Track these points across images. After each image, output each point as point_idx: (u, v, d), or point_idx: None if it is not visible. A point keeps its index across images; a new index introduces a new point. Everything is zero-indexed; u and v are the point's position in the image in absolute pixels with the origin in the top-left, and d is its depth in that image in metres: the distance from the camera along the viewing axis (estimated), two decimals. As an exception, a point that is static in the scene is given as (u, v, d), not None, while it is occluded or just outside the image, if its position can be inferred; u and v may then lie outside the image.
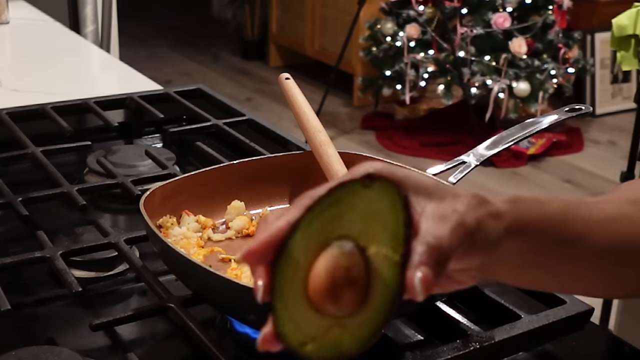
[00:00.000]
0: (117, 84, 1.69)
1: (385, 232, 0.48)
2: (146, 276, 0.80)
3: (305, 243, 0.47)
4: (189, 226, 0.85)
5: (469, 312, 0.78)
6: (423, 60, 3.77)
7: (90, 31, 2.37)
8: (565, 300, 0.76)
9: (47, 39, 1.91)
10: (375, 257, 0.48)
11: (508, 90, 3.69)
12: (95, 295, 0.85)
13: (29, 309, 0.82)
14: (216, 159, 1.09)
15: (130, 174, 1.06)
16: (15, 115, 1.21)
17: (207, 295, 0.74)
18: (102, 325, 0.74)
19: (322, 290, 0.47)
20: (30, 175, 1.12)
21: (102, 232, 0.90)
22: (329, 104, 4.18)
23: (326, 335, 0.47)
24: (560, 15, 3.80)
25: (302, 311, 0.47)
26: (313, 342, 0.47)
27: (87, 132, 1.27)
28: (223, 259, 0.82)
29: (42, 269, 0.87)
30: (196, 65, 4.91)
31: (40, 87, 1.53)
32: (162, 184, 0.85)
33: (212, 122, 1.22)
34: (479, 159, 0.87)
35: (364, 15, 3.90)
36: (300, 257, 0.47)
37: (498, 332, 0.72)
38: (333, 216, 0.48)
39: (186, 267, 0.73)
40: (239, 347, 0.75)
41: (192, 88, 1.37)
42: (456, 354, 0.69)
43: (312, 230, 0.47)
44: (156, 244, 0.77)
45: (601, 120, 4.11)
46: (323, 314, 0.47)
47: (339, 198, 0.48)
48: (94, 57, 1.90)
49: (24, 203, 0.95)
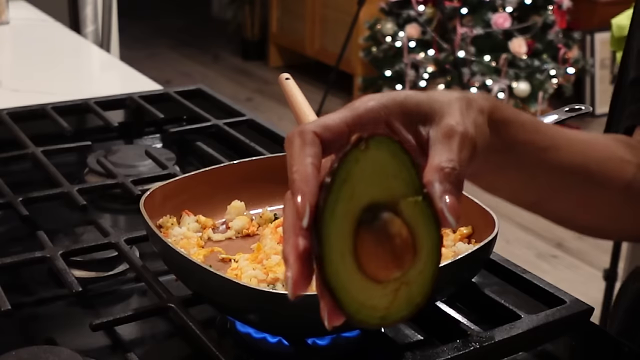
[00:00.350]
0: (117, 84, 1.69)
1: (400, 181, 0.50)
2: (146, 276, 0.80)
3: (338, 231, 0.48)
4: (189, 226, 0.85)
5: (469, 312, 0.78)
6: (423, 60, 3.78)
7: (90, 31, 2.37)
8: (565, 300, 0.76)
9: (47, 39, 1.91)
10: (405, 208, 0.50)
11: (508, 91, 3.69)
12: (95, 295, 0.85)
13: (29, 309, 0.82)
14: (216, 159, 1.09)
15: (130, 174, 1.06)
16: (15, 115, 1.21)
17: (207, 295, 0.74)
18: (102, 325, 0.74)
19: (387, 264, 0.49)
20: (31, 175, 1.12)
21: (102, 232, 0.90)
22: (329, 104, 4.18)
23: (396, 298, 0.50)
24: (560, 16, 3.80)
25: (367, 293, 0.48)
26: (389, 310, 0.49)
27: (87, 132, 1.27)
28: (223, 259, 0.82)
29: (42, 269, 0.87)
30: (196, 65, 4.91)
31: (40, 87, 1.53)
32: (162, 184, 0.85)
33: (212, 122, 1.22)
34: (479, 159, 0.87)
35: (364, 15, 3.91)
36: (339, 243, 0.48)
37: (498, 332, 0.72)
38: (350, 193, 0.48)
39: (186, 267, 0.73)
40: (239, 347, 0.75)
41: (192, 88, 1.37)
42: (456, 354, 0.69)
43: (338, 216, 0.48)
44: (156, 244, 0.77)
45: (601, 121, 4.10)
46: (387, 283, 0.49)
47: (346, 173, 0.48)
48: (94, 57, 1.90)
49: (24, 203, 0.95)
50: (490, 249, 0.76)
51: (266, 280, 0.74)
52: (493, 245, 0.76)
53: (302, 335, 0.71)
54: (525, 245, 3.03)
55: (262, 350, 0.74)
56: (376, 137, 0.49)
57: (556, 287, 0.79)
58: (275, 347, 0.73)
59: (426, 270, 0.50)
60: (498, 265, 0.83)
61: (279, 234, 0.81)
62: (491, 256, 0.81)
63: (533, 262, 2.87)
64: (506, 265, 0.83)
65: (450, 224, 0.50)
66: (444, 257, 0.77)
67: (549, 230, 3.12)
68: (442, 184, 0.50)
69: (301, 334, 0.71)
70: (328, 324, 0.48)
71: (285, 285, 0.49)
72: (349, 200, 0.48)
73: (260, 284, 0.74)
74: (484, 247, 0.74)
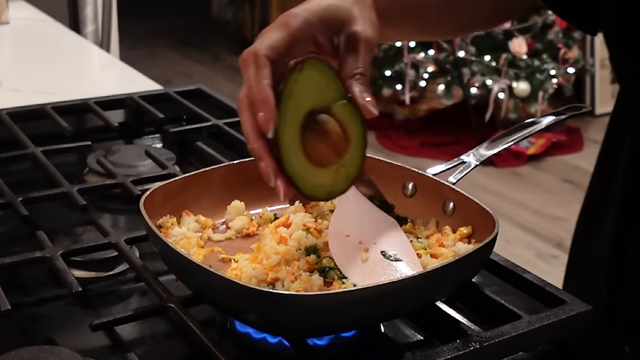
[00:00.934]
0: (117, 84, 1.69)
1: (330, 89, 0.67)
2: (146, 276, 0.80)
3: (290, 130, 0.65)
4: (189, 226, 0.85)
5: (469, 312, 0.78)
6: (423, 60, 3.78)
7: (90, 31, 2.37)
8: (565, 300, 0.76)
9: (47, 39, 1.91)
10: (336, 110, 0.67)
11: (508, 91, 3.69)
12: (95, 295, 0.85)
13: (29, 309, 0.82)
14: (216, 159, 1.09)
15: (130, 174, 1.06)
16: (15, 115, 1.21)
17: (207, 295, 0.74)
18: (102, 325, 0.74)
19: (328, 154, 0.66)
20: (30, 175, 1.12)
21: (102, 232, 0.90)
22: (329, 104, 4.18)
23: (337, 177, 0.68)
24: (560, 16, 3.80)
25: (316, 176, 0.66)
26: (333, 187, 0.68)
27: (87, 132, 1.27)
28: (223, 259, 0.82)
29: (42, 269, 0.87)
30: (196, 65, 4.91)
31: (40, 87, 1.53)
32: (162, 184, 0.85)
33: (212, 122, 1.22)
34: (479, 159, 0.87)
35: (364, 15, 3.90)
36: (293, 142, 0.65)
37: (498, 332, 0.72)
38: (296, 103, 0.65)
39: (186, 267, 0.73)
40: (239, 347, 0.75)
41: (192, 88, 1.37)
42: (456, 354, 0.69)
43: (289, 120, 0.65)
44: (156, 244, 0.77)
45: (601, 120, 4.11)
46: (329, 167, 0.67)
47: (291, 91, 0.65)
48: (94, 57, 1.91)
49: (24, 203, 0.95)
50: (490, 249, 0.76)
51: (266, 280, 0.74)
52: (493, 245, 0.75)
53: (302, 336, 0.72)
54: (525, 245, 3.03)
55: (262, 350, 0.74)
56: (308, 60, 0.66)
57: (556, 287, 0.79)
58: (275, 347, 0.73)
59: (357, 154, 0.68)
60: (498, 265, 0.83)
61: (279, 234, 0.81)
62: (491, 256, 0.81)
63: (533, 262, 2.88)
64: (506, 265, 0.83)
65: (373, 113, 0.67)
66: (444, 257, 0.78)
67: (549, 230, 3.13)
68: (358, 87, 0.67)
69: (301, 334, 0.71)
70: (283, 198, 0.67)
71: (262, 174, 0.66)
72: (294, 110, 0.65)
73: (260, 284, 0.74)
74: (484, 247, 0.74)
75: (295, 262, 0.76)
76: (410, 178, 0.88)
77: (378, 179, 0.90)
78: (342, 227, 0.79)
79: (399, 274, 0.75)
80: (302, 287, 0.73)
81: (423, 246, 0.80)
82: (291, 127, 0.65)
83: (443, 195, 0.85)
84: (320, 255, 0.78)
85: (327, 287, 0.74)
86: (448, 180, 0.85)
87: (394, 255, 0.76)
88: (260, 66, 0.66)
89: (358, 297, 0.67)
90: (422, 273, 0.72)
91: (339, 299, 0.67)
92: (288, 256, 0.77)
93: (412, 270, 0.75)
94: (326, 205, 0.88)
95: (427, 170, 0.87)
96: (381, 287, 0.68)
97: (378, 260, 0.76)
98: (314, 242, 0.79)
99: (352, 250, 0.77)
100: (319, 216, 0.86)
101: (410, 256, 0.77)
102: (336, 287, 0.74)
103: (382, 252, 0.77)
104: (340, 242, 0.78)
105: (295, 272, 0.75)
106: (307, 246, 0.79)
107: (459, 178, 0.85)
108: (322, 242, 0.79)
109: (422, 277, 0.71)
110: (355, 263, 0.76)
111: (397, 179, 0.89)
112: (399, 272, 0.75)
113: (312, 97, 0.66)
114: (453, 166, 0.86)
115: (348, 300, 0.67)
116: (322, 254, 0.78)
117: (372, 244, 0.78)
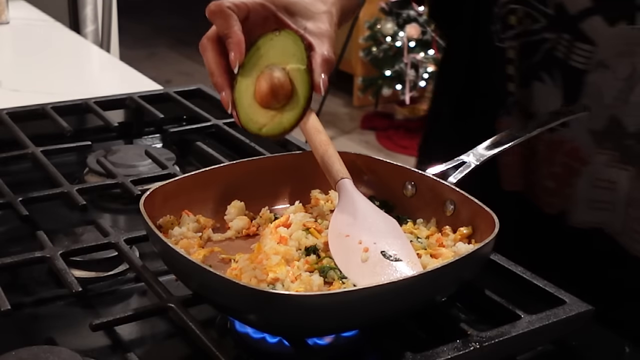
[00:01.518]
0: (117, 84, 1.69)
1: (295, 57, 0.79)
2: (146, 276, 0.80)
3: (249, 72, 0.79)
4: (189, 226, 0.85)
5: (469, 312, 0.79)
6: (423, 60, 3.78)
7: (90, 31, 2.37)
8: (565, 300, 0.76)
9: (47, 39, 1.91)
10: (292, 70, 0.79)
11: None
12: (95, 295, 0.85)
13: (29, 309, 0.82)
14: (216, 159, 1.09)
15: (130, 174, 1.06)
16: (15, 115, 1.21)
17: (207, 295, 0.74)
18: (102, 325, 0.74)
19: (267, 93, 0.78)
20: (30, 175, 1.12)
21: (102, 232, 0.90)
22: (329, 104, 4.18)
23: (272, 120, 0.79)
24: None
25: (255, 111, 0.79)
26: (266, 127, 0.80)
27: (87, 132, 1.27)
28: (223, 259, 0.82)
29: (42, 269, 0.87)
30: (196, 65, 4.91)
31: (40, 87, 1.53)
32: (162, 184, 0.85)
33: (212, 122, 1.22)
34: (479, 159, 0.87)
35: (363, 15, 3.91)
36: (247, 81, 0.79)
37: (498, 332, 0.72)
38: (261, 55, 0.79)
39: (186, 267, 0.73)
40: (239, 347, 0.75)
41: (192, 88, 1.38)
42: (456, 354, 0.69)
43: (250, 65, 0.79)
44: (156, 244, 0.77)
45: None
46: (268, 110, 0.79)
47: (261, 45, 0.79)
48: (94, 57, 1.91)
49: (24, 203, 0.95)
50: (491, 249, 0.76)
51: (266, 280, 0.74)
52: (493, 245, 0.76)
53: (302, 336, 0.72)
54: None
55: (262, 350, 0.74)
56: (287, 29, 0.80)
57: (556, 287, 0.79)
58: (275, 347, 0.73)
59: (296, 110, 0.79)
60: (498, 265, 0.83)
61: (279, 234, 0.81)
62: (491, 256, 0.81)
63: (533, 262, 2.87)
64: (506, 265, 0.83)
65: (322, 90, 0.80)
66: (444, 257, 0.78)
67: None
68: (323, 67, 0.81)
69: (301, 334, 0.71)
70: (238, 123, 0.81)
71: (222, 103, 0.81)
72: (257, 59, 0.79)
73: (260, 284, 0.74)
74: (484, 247, 0.74)
75: (295, 262, 0.76)
76: (410, 178, 0.88)
77: (378, 179, 0.90)
78: (342, 227, 0.79)
79: (399, 274, 0.74)
80: (302, 287, 0.73)
81: (423, 246, 0.80)
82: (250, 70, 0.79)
83: (443, 195, 0.85)
84: (320, 255, 0.78)
85: (327, 287, 0.74)
86: (448, 180, 0.85)
87: (394, 255, 0.76)
88: (228, 16, 0.80)
89: (358, 297, 0.67)
90: (422, 273, 0.72)
91: (339, 299, 0.67)
92: (288, 256, 0.77)
93: (412, 270, 0.75)
94: (326, 205, 0.88)
95: (427, 170, 0.87)
96: (381, 287, 0.68)
97: (378, 260, 0.76)
98: (314, 242, 0.79)
99: (352, 250, 0.77)
100: (319, 216, 0.86)
101: (410, 256, 0.77)
102: (336, 287, 0.74)
103: (382, 252, 0.77)
104: (340, 242, 0.78)
105: (295, 272, 0.75)
106: (307, 246, 0.79)
107: (459, 178, 0.85)
108: (322, 242, 0.79)
109: (422, 277, 0.71)
110: (355, 263, 0.76)
111: (397, 179, 0.89)
112: (399, 272, 0.75)
113: (277, 55, 0.79)
114: (453, 166, 0.86)
115: (348, 300, 0.67)
116: (322, 254, 0.78)
117: (372, 244, 0.78)
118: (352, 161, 0.88)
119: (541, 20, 0.96)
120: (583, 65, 0.94)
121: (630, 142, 0.94)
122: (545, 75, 0.98)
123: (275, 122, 0.79)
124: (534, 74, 0.99)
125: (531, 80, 0.99)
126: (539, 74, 0.99)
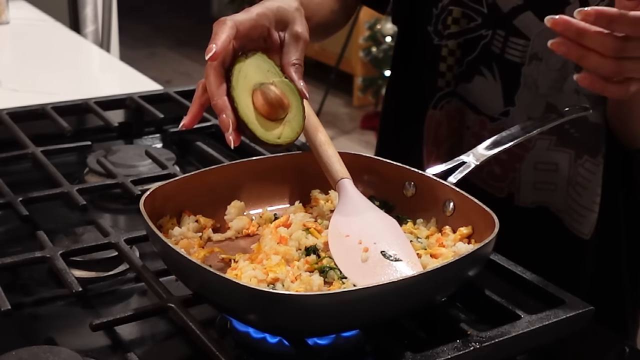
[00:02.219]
0: (117, 84, 1.69)
1: (270, 72, 0.84)
2: (146, 276, 0.80)
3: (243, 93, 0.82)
4: (189, 226, 0.85)
5: (469, 312, 0.79)
6: (423, 60, 3.77)
7: (90, 31, 2.38)
8: (565, 300, 0.76)
9: (47, 39, 1.91)
10: (277, 83, 0.84)
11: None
12: (95, 295, 0.85)
13: (29, 309, 0.83)
14: (216, 159, 1.09)
15: (130, 174, 1.06)
16: (15, 115, 1.21)
17: (207, 295, 0.74)
18: (102, 325, 0.74)
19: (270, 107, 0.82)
20: (30, 175, 1.12)
21: (102, 232, 0.90)
22: (329, 104, 4.18)
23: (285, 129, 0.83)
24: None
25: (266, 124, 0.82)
26: (282, 135, 0.82)
27: (87, 132, 1.27)
28: (223, 259, 0.82)
29: (42, 269, 0.87)
30: (196, 65, 4.91)
31: (40, 87, 1.53)
32: (162, 184, 0.85)
33: (212, 122, 1.22)
34: (479, 159, 0.87)
35: (364, 15, 3.91)
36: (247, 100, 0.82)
37: (498, 332, 0.72)
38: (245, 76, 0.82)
39: (186, 267, 0.73)
40: (239, 347, 0.75)
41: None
42: (456, 354, 0.69)
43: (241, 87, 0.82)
44: (156, 244, 0.77)
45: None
46: (277, 121, 0.82)
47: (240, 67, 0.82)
48: (94, 57, 1.91)
49: (24, 203, 0.95)
50: (490, 249, 0.76)
51: (266, 280, 0.74)
52: (493, 245, 0.76)
53: (302, 336, 0.72)
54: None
55: (262, 350, 0.74)
56: (252, 51, 0.84)
57: (556, 287, 0.79)
58: (275, 347, 0.73)
59: (297, 116, 0.83)
60: (498, 265, 0.83)
61: (279, 234, 0.81)
62: (491, 256, 0.81)
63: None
64: (506, 265, 0.83)
65: (306, 95, 0.83)
66: (444, 257, 0.78)
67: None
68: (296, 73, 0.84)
69: (301, 334, 0.71)
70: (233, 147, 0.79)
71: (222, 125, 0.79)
72: (244, 80, 0.82)
73: (260, 284, 0.74)
74: (484, 247, 0.74)
75: (295, 262, 0.77)
76: (410, 178, 0.88)
77: (378, 179, 0.90)
78: (342, 227, 0.79)
79: (399, 274, 0.75)
80: (302, 287, 0.73)
81: (423, 246, 0.80)
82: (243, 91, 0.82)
83: (443, 195, 0.85)
84: (320, 255, 0.78)
85: (327, 287, 0.74)
86: (448, 180, 0.85)
87: (394, 255, 0.77)
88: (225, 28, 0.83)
89: (358, 297, 0.67)
90: (422, 273, 0.72)
91: (339, 299, 0.67)
92: (288, 256, 0.77)
93: (412, 270, 0.75)
94: (326, 205, 0.88)
95: (427, 170, 0.87)
96: (381, 287, 0.68)
97: (378, 260, 0.76)
98: (314, 242, 0.79)
99: (352, 250, 0.77)
100: (319, 216, 0.86)
101: (410, 256, 0.77)
102: (336, 287, 0.74)
103: (382, 252, 0.77)
104: (340, 242, 0.78)
105: (295, 272, 0.75)
106: (307, 246, 0.79)
107: (459, 178, 0.85)
108: (322, 242, 0.79)
109: (422, 277, 0.71)
110: (355, 263, 0.76)
111: (397, 179, 0.89)
112: (399, 272, 0.75)
113: (258, 74, 0.83)
114: (453, 166, 0.87)
115: (348, 300, 0.67)
116: (322, 254, 0.78)
117: (372, 244, 0.78)
118: (352, 161, 0.88)
119: (477, 18, 1.04)
120: (519, 59, 1.02)
121: (566, 126, 1.01)
122: (484, 69, 1.05)
123: (287, 129, 0.83)
124: (474, 68, 1.05)
125: (472, 75, 1.06)
126: (479, 69, 1.05)
